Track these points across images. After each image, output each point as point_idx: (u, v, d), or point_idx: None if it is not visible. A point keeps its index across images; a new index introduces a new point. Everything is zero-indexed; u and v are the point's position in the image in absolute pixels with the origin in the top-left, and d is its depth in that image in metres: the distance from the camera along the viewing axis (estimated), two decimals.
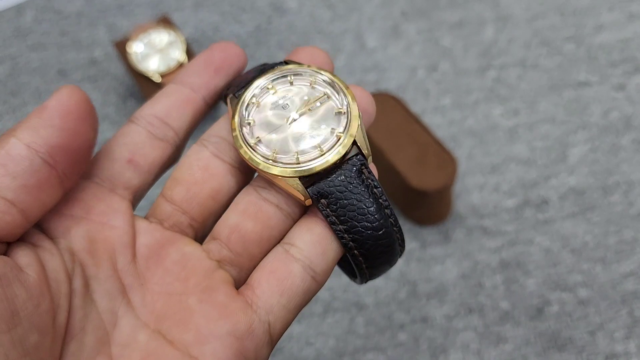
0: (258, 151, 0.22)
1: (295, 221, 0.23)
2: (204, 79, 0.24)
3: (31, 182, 0.19)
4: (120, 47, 0.53)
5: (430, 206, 0.46)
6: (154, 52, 0.52)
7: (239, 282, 0.22)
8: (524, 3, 0.61)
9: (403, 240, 0.23)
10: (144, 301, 0.21)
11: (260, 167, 0.22)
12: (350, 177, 0.22)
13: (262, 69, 0.24)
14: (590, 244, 0.47)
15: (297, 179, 0.22)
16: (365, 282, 0.24)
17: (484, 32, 0.59)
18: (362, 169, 0.22)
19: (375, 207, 0.21)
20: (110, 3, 0.64)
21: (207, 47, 0.25)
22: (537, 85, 0.55)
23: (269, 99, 0.23)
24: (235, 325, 0.20)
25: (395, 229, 0.22)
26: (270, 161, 0.22)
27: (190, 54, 0.53)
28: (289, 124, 0.23)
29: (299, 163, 0.22)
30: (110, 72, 0.59)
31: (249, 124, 0.23)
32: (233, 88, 0.24)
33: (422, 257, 0.48)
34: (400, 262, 0.47)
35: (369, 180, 0.22)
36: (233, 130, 0.23)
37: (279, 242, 0.23)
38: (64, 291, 0.19)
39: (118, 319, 0.20)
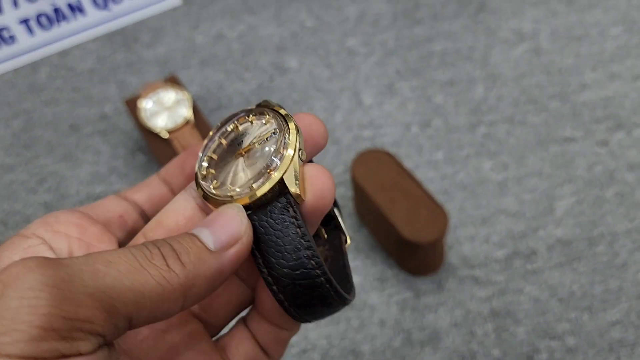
0: (204, 185, 0.24)
1: None
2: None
3: None
4: (131, 104, 0.57)
5: (424, 257, 0.49)
6: (162, 109, 0.55)
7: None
8: (512, 63, 0.64)
9: (336, 291, 0.23)
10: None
11: (206, 197, 0.24)
12: (274, 214, 0.22)
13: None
14: (577, 294, 0.49)
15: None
16: (300, 321, 0.24)
17: (474, 90, 0.62)
18: (288, 208, 0.22)
19: (292, 247, 0.22)
20: (120, 61, 0.68)
21: (211, 104, 0.28)
22: (525, 140, 0.58)
23: (230, 136, 0.25)
24: None
25: (318, 271, 0.22)
26: (212, 193, 0.24)
27: (196, 111, 0.56)
28: (235, 159, 0.24)
29: (231, 195, 0.23)
30: (120, 126, 0.62)
31: (210, 159, 0.25)
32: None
33: (416, 305, 0.50)
34: (395, 311, 0.49)
35: (293, 219, 0.22)
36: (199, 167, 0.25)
37: None
38: None
39: None
